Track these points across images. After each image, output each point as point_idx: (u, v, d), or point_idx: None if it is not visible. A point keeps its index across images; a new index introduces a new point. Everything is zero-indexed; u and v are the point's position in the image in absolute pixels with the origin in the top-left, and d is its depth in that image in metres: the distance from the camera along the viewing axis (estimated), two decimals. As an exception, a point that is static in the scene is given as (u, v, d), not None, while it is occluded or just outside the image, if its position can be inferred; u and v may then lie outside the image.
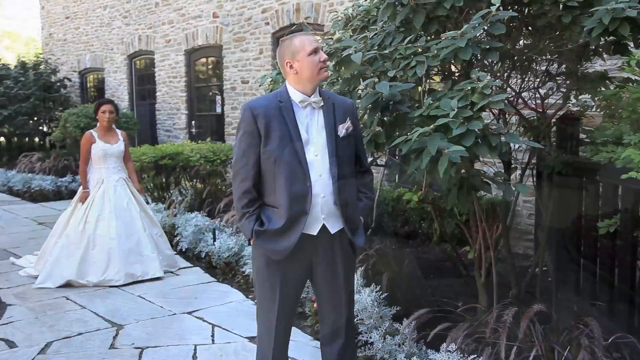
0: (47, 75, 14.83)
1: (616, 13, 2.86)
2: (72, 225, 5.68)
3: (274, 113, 2.69)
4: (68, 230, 5.68)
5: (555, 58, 3.98)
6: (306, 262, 2.80)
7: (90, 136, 5.91)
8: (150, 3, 12.96)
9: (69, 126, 12.07)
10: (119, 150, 5.95)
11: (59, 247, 5.60)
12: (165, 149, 8.44)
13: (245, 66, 10.77)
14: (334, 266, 2.80)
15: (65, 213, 5.93)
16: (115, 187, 5.83)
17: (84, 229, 5.61)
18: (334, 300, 2.85)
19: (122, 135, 6.12)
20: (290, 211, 2.65)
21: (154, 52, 13.03)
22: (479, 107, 2.87)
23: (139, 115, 13.68)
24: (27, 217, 8.99)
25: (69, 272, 5.44)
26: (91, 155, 5.85)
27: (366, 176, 2.96)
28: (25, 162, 12.41)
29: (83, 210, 5.70)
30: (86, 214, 5.67)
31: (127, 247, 5.62)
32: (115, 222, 5.64)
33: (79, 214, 5.70)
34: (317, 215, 2.71)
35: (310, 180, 2.67)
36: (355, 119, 2.88)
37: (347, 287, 2.86)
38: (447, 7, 3.27)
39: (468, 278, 5.51)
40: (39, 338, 4.15)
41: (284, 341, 2.91)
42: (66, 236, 5.64)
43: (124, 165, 6.05)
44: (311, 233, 2.73)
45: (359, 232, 2.84)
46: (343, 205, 2.74)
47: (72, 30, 15.71)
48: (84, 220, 5.64)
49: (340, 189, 2.73)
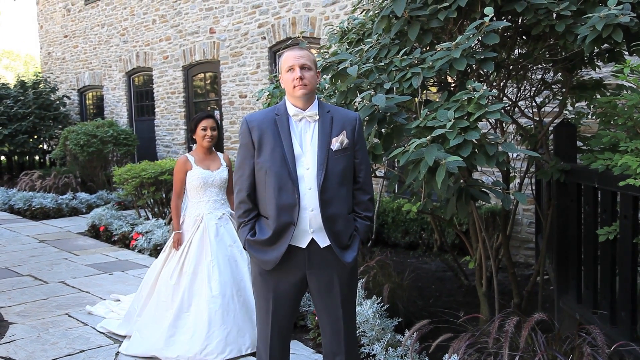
0: (47, 94, 14.91)
1: (609, 20, 2.89)
2: (163, 278, 4.38)
3: (268, 126, 2.77)
4: (159, 285, 4.40)
5: (550, 66, 4.01)
6: (299, 275, 2.81)
7: (185, 161, 4.52)
8: (147, 20, 13.05)
9: (69, 144, 12.12)
10: (222, 178, 4.54)
11: (150, 307, 4.37)
12: (164, 164, 8.46)
13: (242, 81, 10.82)
14: (328, 280, 2.81)
15: (156, 262, 4.60)
16: (218, 228, 4.45)
17: (178, 284, 4.29)
18: (330, 314, 2.85)
19: (225, 159, 4.70)
20: (277, 222, 2.71)
21: (152, 68, 13.10)
22: (475, 117, 2.89)
23: (138, 131, 13.73)
24: (29, 235, 8.99)
25: (155, 342, 4.15)
26: (186, 185, 4.53)
27: (360, 195, 2.87)
28: (26, 180, 12.43)
29: (177, 258, 4.37)
30: (181, 264, 4.33)
31: (233, 309, 4.22)
32: (218, 275, 4.26)
33: (172, 264, 4.37)
34: (305, 228, 2.74)
35: (298, 192, 2.70)
36: (357, 134, 2.83)
37: (344, 300, 2.84)
38: (441, 19, 3.31)
39: (469, 288, 5.51)
40: (41, 356, 4.14)
41: (282, 353, 2.92)
42: (157, 293, 4.38)
43: (226, 197, 4.65)
44: (300, 246, 2.76)
45: (350, 249, 2.80)
46: (328, 220, 2.72)
47: (70, 49, 15.80)
48: (178, 271, 4.32)
49: (326, 203, 2.71)
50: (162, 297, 4.30)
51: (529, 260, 6.64)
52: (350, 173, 2.82)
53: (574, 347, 2.81)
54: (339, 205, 2.76)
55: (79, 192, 11.73)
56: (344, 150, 2.77)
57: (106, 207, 9.41)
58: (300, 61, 2.75)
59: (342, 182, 2.77)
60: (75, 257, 7.37)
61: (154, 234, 7.52)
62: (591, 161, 3.50)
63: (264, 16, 10.27)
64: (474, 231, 4.26)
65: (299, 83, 2.74)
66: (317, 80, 2.85)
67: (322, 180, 2.70)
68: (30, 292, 5.79)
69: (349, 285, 2.89)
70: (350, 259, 2.79)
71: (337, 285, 2.81)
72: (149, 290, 4.45)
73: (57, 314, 5.07)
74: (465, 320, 3.66)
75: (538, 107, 4.47)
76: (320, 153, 2.74)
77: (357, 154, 2.84)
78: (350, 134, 2.80)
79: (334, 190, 2.74)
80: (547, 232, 4.24)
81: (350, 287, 2.91)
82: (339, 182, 2.75)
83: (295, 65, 2.75)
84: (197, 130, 4.53)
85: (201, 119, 4.53)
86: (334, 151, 2.74)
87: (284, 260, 2.76)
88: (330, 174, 2.73)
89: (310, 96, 2.80)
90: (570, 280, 3.85)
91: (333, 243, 2.74)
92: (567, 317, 3.80)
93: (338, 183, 2.75)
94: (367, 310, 3.86)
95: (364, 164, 2.87)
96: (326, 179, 2.72)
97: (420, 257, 7.01)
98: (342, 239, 2.78)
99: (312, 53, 2.89)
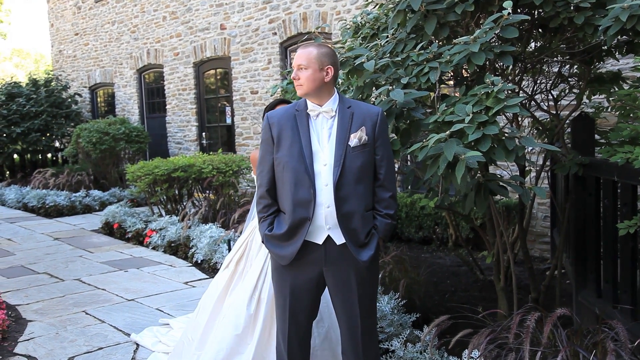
0: (58, 92, 14.98)
1: (633, 10, 2.84)
2: (235, 304, 3.46)
3: (287, 121, 2.78)
4: (229, 310, 3.48)
5: (568, 59, 3.97)
6: (316, 271, 2.80)
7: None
8: (158, 17, 13.07)
9: (81, 141, 12.17)
10: None
11: (216, 337, 3.45)
12: (177, 161, 8.48)
13: (254, 77, 10.81)
14: (345, 277, 2.78)
15: (217, 281, 3.71)
16: None
17: (256, 313, 3.40)
18: (347, 311, 2.82)
19: None
20: (293, 217, 2.71)
21: (162, 65, 13.12)
22: (494, 111, 2.86)
23: (150, 128, 13.77)
24: (43, 232, 9.05)
25: None
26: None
27: (381, 192, 2.79)
28: (39, 178, 12.51)
29: (254, 279, 3.46)
30: (259, 290, 3.44)
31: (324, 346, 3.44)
32: None
33: (247, 286, 3.46)
34: (321, 224, 2.73)
35: (315, 187, 2.70)
36: (379, 129, 2.75)
37: (362, 298, 2.80)
38: (459, 12, 3.27)
39: (485, 283, 5.49)
40: (60, 353, 4.16)
41: (301, 352, 2.92)
42: (225, 319, 3.46)
43: None
44: (316, 242, 2.75)
45: (367, 247, 2.75)
46: (343, 217, 2.70)
47: (81, 47, 15.86)
48: (257, 296, 3.42)
49: (341, 200, 2.69)
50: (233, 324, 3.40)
51: (544, 254, 6.60)
52: (369, 170, 2.76)
53: (596, 342, 2.79)
54: (356, 203, 2.72)
55: (91, 190, 11.79)
56: (363, 146, 2.72)
57: (119, 205, 9.46)
58: (296, 61, 2.78)
59: (360, 179, 2.73)
60: (90, 255, 7.41)
61: (168, 230, 7.54)
62: (610, 154, 3.47)
63: (274, 12, 10.25)
64: (491, 226, 4.23)
65: (295, 84, 2.78)
66: (320, 76, 2.74)
67: (338, 176, 2.68)
68: (47, 290, 5.83)
69: (368, 283, 2.83)
70: (366, 257, 2.74)
71: (354, 282, 2.78)
72: (210, 315, 3.60)
73: (74, 312, 5.11)
74: (483, 315, 3.65)
75: (555, 101, 4.43)
76: (338, 149, 2.71)
77: (378, 150, 2.76)
78: (371, 130, 2.74)
79: (350, 187, 2.70)
80: (565, 226, 4.21)
81: (369, 285, 2.84)
82: (356, 179, 2.71)
83: (294, 65, 2.79)
84: None
85: (273, 107, 3.58)
86: (352, 147, 2.71)
87: (301, 256, 2.75)
88: (346, 171, 2.70)
89: (321, 92, 2.76)
90: (589, 275, 3.82)
91: (348, 241, 2.72)
92: (586, 312, 3.77)
93: (355, 180, 2.71)
94: (385, 306, 3.86)
95: (386, 160, 2.78)
96: (342, 175, 2.69)
97: (434, 252, 6.99)
98: (358, 236, 2.74)
99: (322, 47, 2.81)
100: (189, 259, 6.85)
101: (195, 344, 3.57)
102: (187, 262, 6.83)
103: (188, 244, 7.08)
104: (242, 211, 6.82)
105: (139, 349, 4.21)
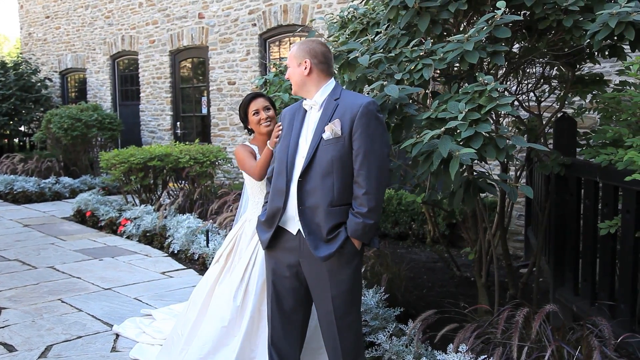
0: (28, 76, 14.61)
1: (621, 17, 2.91)
2: (223, 296, 3.47)
3: (292, 115, 2.92)
4: (216, 302, 3.51)
5: (553, 61, 4.04)
6: (293, 259, 2.84)
7: (250, 150, 3.59)
8: (133, 3, 12.85)
9: (52, 127, 11.92)
10: None
11: (203, 330, 3.46)
12: (153, 150, 8.37)
13: (231, 67, 10.73)
14: (317, 270, 2.76)
15: (207, 277, 3.70)
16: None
17: (243, 305, 3.41)
18: (321, 306, 2.83)
19: None
20: (270, 205, 2.84)
21: (137, 52, 12.91)
22: (486, 109, 2.90)
23: (123, 116, 13.55)
24: (12, 219, 8.85)
25: None
26: (246, 182, 3.67)
27: (355, 188, 2.66)
28: (7, 163, 12.22)
29: (241, 271, 3.46)
30: (246, 281, 3.44)
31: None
32: None
33: (234, 280, 3.47)
34: (293, 215, 2.78)
35: (289, 178, 2.77)
36: (358, 121, 2.63)
37: (336, 294, 2.74)
38: (452, 11, 3.31)
39: (461, 279, 5.57)
40: (38, 341, 4.09)
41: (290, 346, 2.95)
42: (212, 311, 3.50)
43: None
44: (290, 231, 2.82)
45: (329, 244, 2.67)
46: (304, 210, 2.70)
47: (52, 30, 15.49)
48: (244, 288, 3.43)
49: (305, 193, 2.70)
50: (221, 317, 3.41)
51: (518, 252, 6.72)
52: (343, 163, 2.66)
53: (578, 338, 2.86)
54: (320, 196, 2.67)
55: (62, 177, 11.56)
56: (337, 139, 2.65)
57: (92, 192, 9.31)
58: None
59: (329, 172, 2.65)
60: (62, 242, 7.28)
61: (143, 220, 7.44)
62: (593, 156, 3.55)
63: (254, 2, 10.17)
64: (474, 223, 4.30)
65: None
66: (299, 72, 2.81)
67: (304, 169, 2.71)
68: (20, 277, 5.71)
69: (344, 281, 2.74)
70: (321, 254, 2.66)
71: (326, 277, 2.74)
72: (199, 310, 3.59)
73: (49, 300, 5.01)
74: (463, 310, 3.70)
75: (537, 102, 4.51)
76: (313, 142, 2.74)
77: (355, 142, 2.63)
78: (348, 122, 2.64)
79: (317, 180, 2.67)
80: (544, 225, 4.30)
81: (344, 283, 2.75)
82: (324, 172, 2.66)
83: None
84: (249, 117, 3.54)
85: (248, 103, 3.54)
86: (326, 140, 2.67)
87: (279, 243, 2.86)
88: (315, 164, 2.68)
89: (306, 86, 2.84)
90: (567, 273, 3.91)
91: (307, 235, 2.69)
92: (563, 309, 3.86)
93: (323, 173, 2.66)
94: (370, 300, 3.89)
95: (362, 155, 2.62)
96: (310, 168, 2.70)
97: (409, 247, 7.06)
98: (321, 231, 2.69)
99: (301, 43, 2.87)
100: (165, 249, 6.78)
101: (184, 339, 3.56)
102: (163, 252, 6.76)
103: (164, 233, 7.00)
104: (221, 202, 6.78)
105: (119, 338, 4.16)
